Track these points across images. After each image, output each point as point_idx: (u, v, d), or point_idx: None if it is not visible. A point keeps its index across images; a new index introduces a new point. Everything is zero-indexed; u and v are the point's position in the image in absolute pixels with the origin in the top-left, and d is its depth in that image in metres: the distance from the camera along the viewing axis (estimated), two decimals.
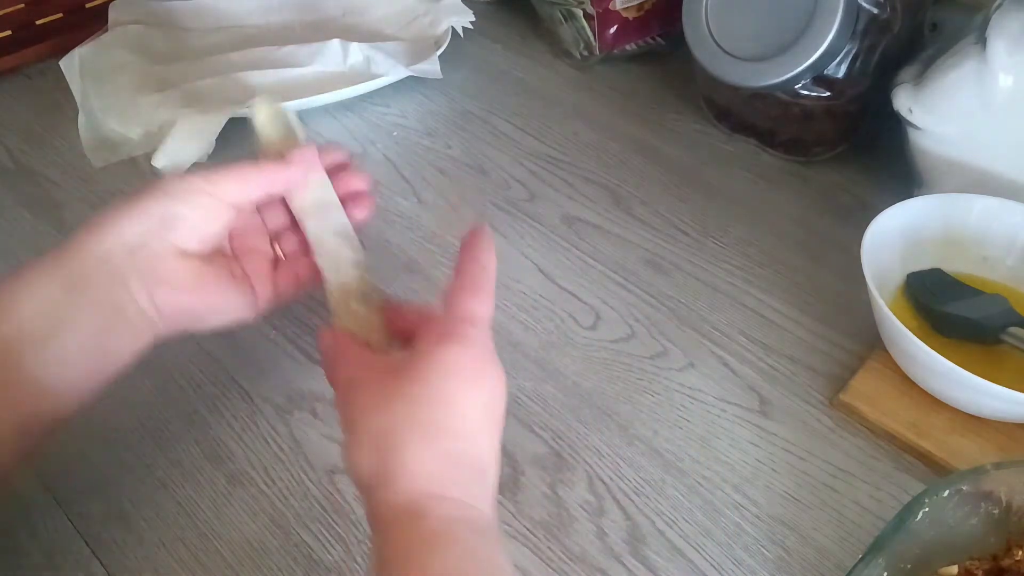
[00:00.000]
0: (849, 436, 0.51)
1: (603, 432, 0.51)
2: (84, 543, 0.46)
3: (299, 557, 0.45)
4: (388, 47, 0.78)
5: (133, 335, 0.41)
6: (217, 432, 0.51)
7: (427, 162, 0.71)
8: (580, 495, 0.48)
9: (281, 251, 0.47)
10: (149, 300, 0.41)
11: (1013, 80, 0.53)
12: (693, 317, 0.58)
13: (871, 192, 0.67)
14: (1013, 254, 0.55)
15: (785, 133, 0.70)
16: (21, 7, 0.79)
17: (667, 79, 0.79)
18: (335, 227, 0.45)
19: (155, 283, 0.41)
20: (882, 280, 0.52)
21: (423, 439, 0.34)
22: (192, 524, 0.46)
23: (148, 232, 0.40)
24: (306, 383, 0.54)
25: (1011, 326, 0.50)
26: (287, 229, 0.47)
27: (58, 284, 0.39)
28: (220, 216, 0.42)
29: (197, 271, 0.42)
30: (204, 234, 0.42)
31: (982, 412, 0.49)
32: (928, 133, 0.58)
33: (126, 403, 0.53)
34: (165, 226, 0.41)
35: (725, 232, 0.64)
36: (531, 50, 0.84)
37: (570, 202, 0.67)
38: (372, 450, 0.34)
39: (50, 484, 0.48)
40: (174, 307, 0.42)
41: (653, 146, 0.72)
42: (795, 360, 0.55)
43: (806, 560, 0.45)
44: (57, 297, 0.39)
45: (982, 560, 0.40)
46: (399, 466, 0.33)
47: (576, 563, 0.45)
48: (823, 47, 0.60)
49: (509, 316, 0.58)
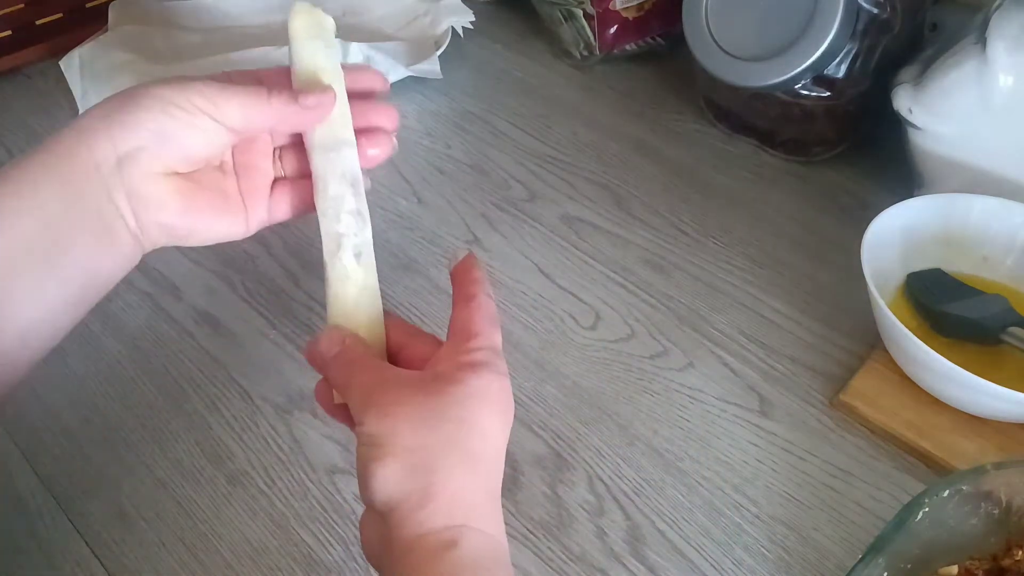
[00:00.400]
0: (849, 436, 0.51)
1: (603, 432, 0.51)
2: (84, 543, 0.46)
3: (299, 557, 0.45)
4: (388, 47, 0.78)
5: (123, 255, 0.39)
6: (217, 432, 0.51)
7: (427, 162, 0.71)
8: (580, 495, 0.48)
9: (283, 169, 0.43)
10: (134, 218, 0.38)
11: (1013, 80, 0.53)
12: (693, 317, 0.58)
13: (871, 192, 0.67)
14: (1013, 254, 0.55)
15: (785, 133, 0.70)
16: (21, 7, 0.79)
17: (667, 79, 0.79)
18: (343, 169, 0.40)
19: (141, 202, 0.38)
20: (882, 280, 0.52)
21: (466, 467, 0.33)
22: (192, 524, 0.46)
23: (140, 147, 0.37)
24: (306, 383, 0.54)
25: (1011, 326, 0.50)
26: (294, 145, 0.43)
27: (56, 197, 0.36)
28: (219, 140, 0.39)
29: (186, 192, 0.39)
30: (198, 156, 0.39)
31: (982, 412, 0.49)
32: (928, 133, 0.58)
33: (126, 403, 0.53)
34: (158, 142, 0.37)
35: (725, 232, 0.64)
36: (531, 50, 0.84)
37: (570, 202, 0.67)
38: (409, 468, 0.32)
39: (50, 484, 0.48)
40: (159, 227, 0.39)
41: (653, 146, 0.72)
42: (795, 360, 0.55)
43: (806, 560, 0.45)
44: (56, 212, 0.36)
45: (982, 560, 0.40)
46: (441, 490, 0.32)
47: (576, 563, 0.45)
48: (823, 47, 0.60)
49: (509, 316, 0.58)
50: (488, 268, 0.61)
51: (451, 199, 0.67)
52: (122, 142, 0.37)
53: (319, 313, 0.58)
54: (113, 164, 0.37)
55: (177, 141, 0.38)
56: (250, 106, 0.38)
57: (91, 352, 0.56)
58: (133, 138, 0.37)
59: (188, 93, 0.37)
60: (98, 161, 0.37)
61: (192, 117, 0.37)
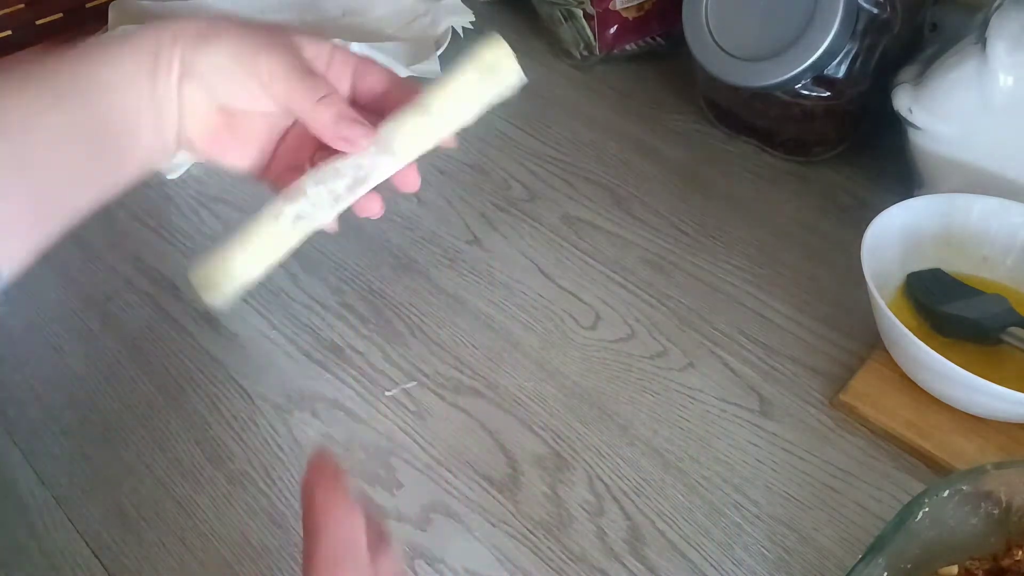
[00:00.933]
0: (849, 436, 0.51)
1: (603, 432, 0.51)
2: (84, 543, 0.46)
3: (299, 557, 0.45)
4: (388, 47, 0.78)
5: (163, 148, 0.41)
6: (217, 432, 0.51)
7: (427, 162, 0.71)
8: (580, 495, 0.48)
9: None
10: (176, 125, 0.40)
11: (1013, 80, 0.53)
12: (693, 317, 0.58)
13: (871, 192, 0.67)
14: (1013, 254, 0.55)
15: (785, 133, 0.70)
16: (21, 7, 0.79)
17: (667, 79, 0.79)
18: (361, 163, 0.40)
19: (185, 115, 0.40)
20: (882, 280, 0.52)
21: None
22: (192, 524, 0.46)
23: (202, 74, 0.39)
24: (306, 383, 0.54)
25: (1011, 326, 0.50)
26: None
27: (145, 75, 0.38)
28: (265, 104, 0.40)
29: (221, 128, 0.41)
30: (242, 107, 0.41)
31: (982, 412, 0.49)
32: (928, 133, 0.58)
33: (126, 403, 0.53)
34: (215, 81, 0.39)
35: (725, 232, 0.64)
36: (531, 50, 0.84)
37: (570, 202, 0.67)
38: None
39: (50, 484, 0.48)
40: (187, 141, 0.41)
41: (653, 146, 0.72)
42: (795, 360, 0.55)
43: (806, 560, 0.45)
44: (143, 89, 0.38)
45: (982, 560, 0.40)
46: None
47: (576, 563, 0.45)
48: (823, 47, 0.60)
49: (509, 316, 0.58)
50: (488, 268, 0.61)
51: (451, 199, 0.67)
52: (191, 65, 0.39)
53: (319, 313, 0.58)
54: (177, 77, 0.39)
55: (230, 89, 0.40)
56: (295, 101, 0.39)
57: (91, 352, 0.56)
58: (202, 63, 0.39)
59: (258, 58, 0.39)
60: (171, 70, 0.39)
61: (248, 79, 0.39)
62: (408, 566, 0.45)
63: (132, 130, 0.39)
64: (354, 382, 0.54)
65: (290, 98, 0.39)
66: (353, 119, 0.40)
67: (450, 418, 0.52)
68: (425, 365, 0.54)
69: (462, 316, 0.58)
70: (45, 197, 0.36)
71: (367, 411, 0.52)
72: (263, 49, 0.39)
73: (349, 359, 0.55)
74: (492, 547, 0.45)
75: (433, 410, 0.52)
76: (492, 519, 0.47)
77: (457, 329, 0.57)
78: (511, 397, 0.53)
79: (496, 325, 0.57)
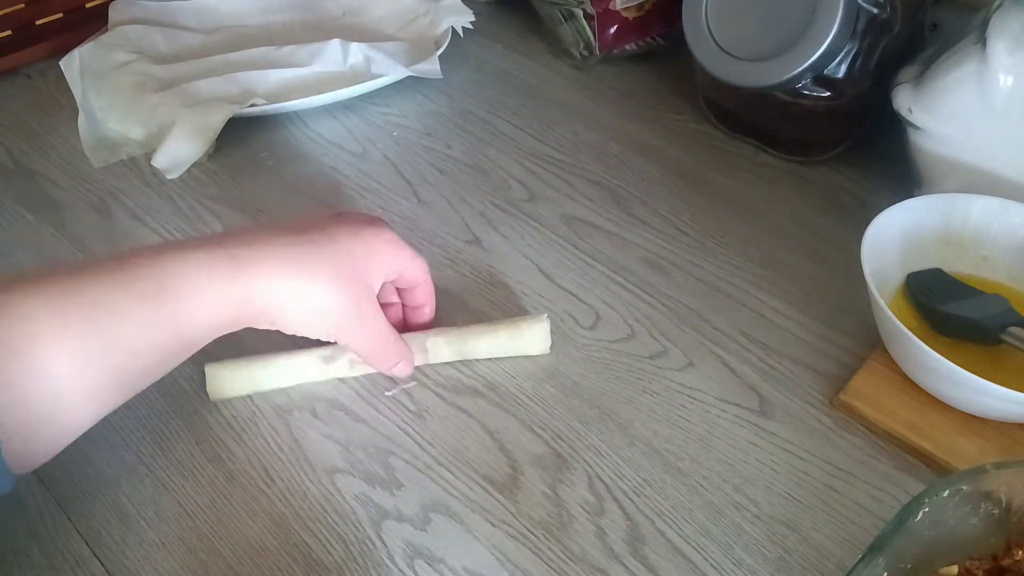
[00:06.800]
0: (849, 436, 0.51)
1: (603, 432, 0.51)
2: (84, 543, 0.46)
3: (299, 557, 0.45)
4: (388, 47, 0.78)
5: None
6: (217, 432, 0.51)
7: (427, 162, 0.71)
8: (580, 495, 0.48)
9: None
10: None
11: (1013, 80, 0.53)
12: (693, 317, 0.58)
13: (871, 192, 0.67)
14: (1013, 254, 0.55)
15: (785, 133, 0.70)
16: (21, 7, 0.79)
17: (667, 79, 0.80)
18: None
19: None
20: (882, 280, 0.52)
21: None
22: (192, 524, 0.46)
23: (276, 315, 0.46)
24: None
25: (1011, 326, 0.50)
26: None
27: (220, 291, 0.44)
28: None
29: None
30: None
31: (982, 412, 0.49)
32: (928, 133, 0.58)
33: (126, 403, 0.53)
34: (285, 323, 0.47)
35: (725, 232, 0.64)
36: (531, 50, 0.84)
37: (570, 202, 0.67)
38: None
39: (50, 484, 0.48)
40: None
41: (653, 146, 0.72)
42: (795, 360, 0.55)
43: (806, 560, 0.45)
44: (217, 297, 0.44)
45: (982, 560, 0.40)
46: None
47: (576, 563, 0.45)
48: (823, 47, 0.60)
49: (509, 316, 0.58)
50: (488, 268, 0.61)
51: (451, 199, 0.67)
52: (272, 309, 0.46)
53: None
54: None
55: (300, 330, 0.48)
56: (372, 365, 0.53)
57: None
58: (285, 315, 0.46)
59: (340, 331, 0.49)
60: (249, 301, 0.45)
61: (326, 335, 0.48)
62: (408, 566, 0.45)
63: (201, 328, 0.44)
64: (354, 382, 0.54)
65: (368, 364, 0.52)
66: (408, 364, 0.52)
67: (450, 418, 0.52)
68: (425, 365, 0.54)
69: (462, 316, 0.58)
70: (125, 375, 0.42)
71: (367, 411, 0.52)
72: (345, 321, 0.47)
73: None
74: (492, 547, 0.45)
75: (433, 410, 0.52)
76: (492, 519, 0.47)
77: None
78: (511, 397, 0.53)
79: None
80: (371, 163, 0.71)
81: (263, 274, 0.44)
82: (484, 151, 0.72)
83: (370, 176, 0.70)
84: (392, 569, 0.44)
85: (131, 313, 0.41)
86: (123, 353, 0.41)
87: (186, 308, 0.42)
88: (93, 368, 0.40)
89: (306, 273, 0.45)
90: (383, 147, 0.72)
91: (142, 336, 0.42)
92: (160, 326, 0.42)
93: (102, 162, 0.69)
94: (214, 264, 0.43)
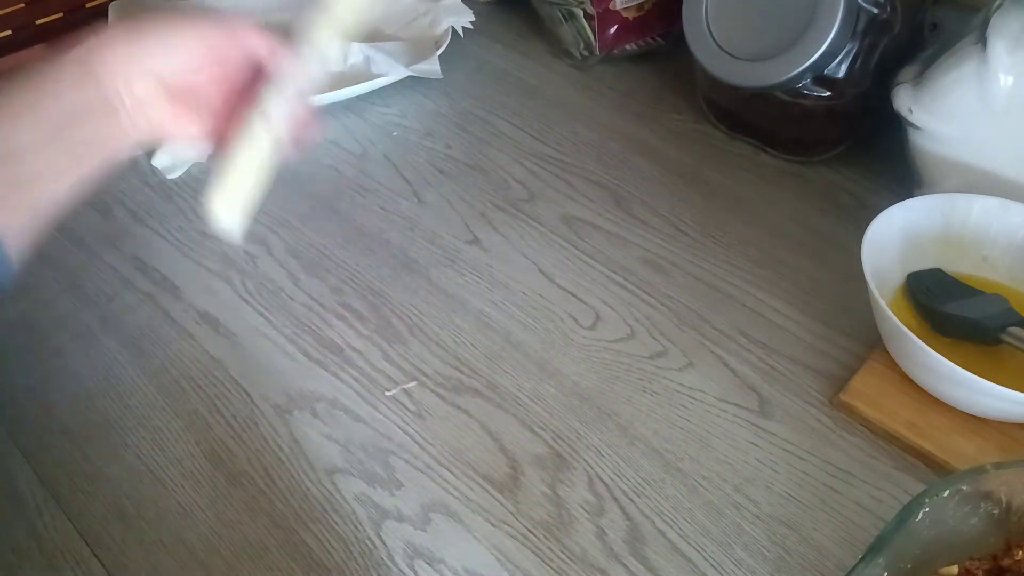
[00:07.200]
0: (849, 436, 0.51)
1: (603, 432, 0.51)
2: (84, 543, 0.46)
3: (299, 557, 0.45)
4: (388, 47, 0.78)
5: (122, 137, 0.46)
6: (217, 432, 0.51)
7: (427, 162, 0.71)
8: (580, 495, 0.48)
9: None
10: (130, 109, 0.45)
11: (1013, 80, 0.53)
12: (693, 317, 0.58)
13: (871, 192, 0.67)
14: (1013, 254, 0.55)
15: (785, 133, 0.70)
16: (21, 7, 0.79)
17: (667, 79, 0.80)
18: (285, 94, 0.47)
19: (135, 98, 0.45)
20: (882, 280, 0.52)
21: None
22: (192, 524, 0.46)
23: (149, 55, 0.46)
24: (306, 383, 0.54)
25: (1011, 326, 0.50)
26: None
27: (75, 86, 0.44)
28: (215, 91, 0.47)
29: (164, 98, 0.46)
30: (183, 76, 0.46)
31: (982, 412, 0.49)
32: (928, 133, 0.58)
33: (126, 403, 0.53)
34: (161, 55, 0.46)
35: (725, 232, 0.64)
36: (531, 50, 0.84)
37: (570, 202, 0.67)
38: None
39: (50, 484, 0.48)
40: (146, 119, 0.46)
41: (653, 146, 0.72)
42: (795, 360, 0.55)
43: (806, 560, 0.45)
44: (75, 97, 0.43)
45: (982, 560, 0.40)
46: None
47: (576, 563, 0.45)
48: (823, 47, 0.60)
49: (509, 316, 0.58)
50: (488, 268, 0.61)
51: (451, 199, 0.67)
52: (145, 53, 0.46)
53: (319, 313, 0.58)
54: (130, 74, 0.45)
55: (166, 59, 0.46)
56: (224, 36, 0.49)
57: (91, 352, 0.56)
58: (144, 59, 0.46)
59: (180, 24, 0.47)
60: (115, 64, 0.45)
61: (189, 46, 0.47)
62: (408, 566, 0.45)
63: (89, 124, 0.44)
64: (354, 382, 0.54)
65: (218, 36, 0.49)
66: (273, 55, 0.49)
67: (450, 418, 0.52)
68: (425, 365, 0.55)
69: (462, 316, 0.58)
70: (23, 184, 0.42)
71: (367, 411, 0.52)
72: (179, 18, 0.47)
73: (349, 359, 0.55)
74: (492, 547, 0.46)
75: (433, 410, 0.52)
76: (492, 519, 0.47)
77: (457, 329, 0.57)
78: (511, 397, 0.53)
79: (496, 325, 0.57)
80: (371, 163, 0.71)
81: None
82: (484, 151, 0.72)
83: (370, 176, 0.70)
84: (392, 569, 0.44)
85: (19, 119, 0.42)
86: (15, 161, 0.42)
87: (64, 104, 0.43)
88: None
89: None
90: (383, 147, 0.72)
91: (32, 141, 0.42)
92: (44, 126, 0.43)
93: None
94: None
